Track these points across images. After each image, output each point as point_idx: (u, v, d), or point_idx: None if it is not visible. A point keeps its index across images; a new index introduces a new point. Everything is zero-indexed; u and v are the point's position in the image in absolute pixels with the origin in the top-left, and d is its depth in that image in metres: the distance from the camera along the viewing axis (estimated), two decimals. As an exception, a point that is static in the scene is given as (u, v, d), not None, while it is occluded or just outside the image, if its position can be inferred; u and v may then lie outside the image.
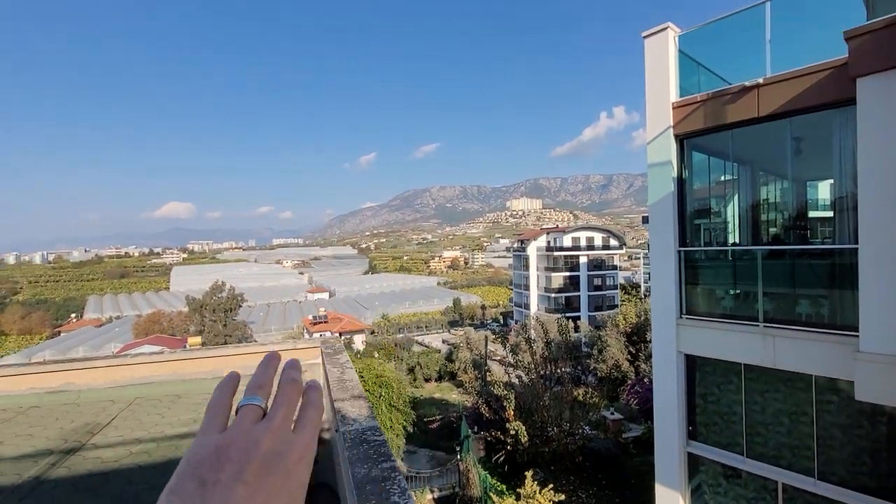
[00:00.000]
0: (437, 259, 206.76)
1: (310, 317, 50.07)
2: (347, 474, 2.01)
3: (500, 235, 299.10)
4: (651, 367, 8.51)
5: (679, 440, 6.67)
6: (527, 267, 58.57)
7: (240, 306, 42.66)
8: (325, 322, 45.42)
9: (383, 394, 16.73)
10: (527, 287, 58.60)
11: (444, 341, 56.74)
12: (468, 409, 18.57)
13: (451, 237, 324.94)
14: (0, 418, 3.37)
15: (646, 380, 21.20)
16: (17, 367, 3.86)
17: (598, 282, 55.34)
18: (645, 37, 6.99)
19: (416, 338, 57.01)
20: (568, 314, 44.16)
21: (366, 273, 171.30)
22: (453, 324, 73.86)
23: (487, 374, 20.71)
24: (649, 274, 7.41)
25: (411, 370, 35.77)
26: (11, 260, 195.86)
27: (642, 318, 27.68)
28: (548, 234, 58.92)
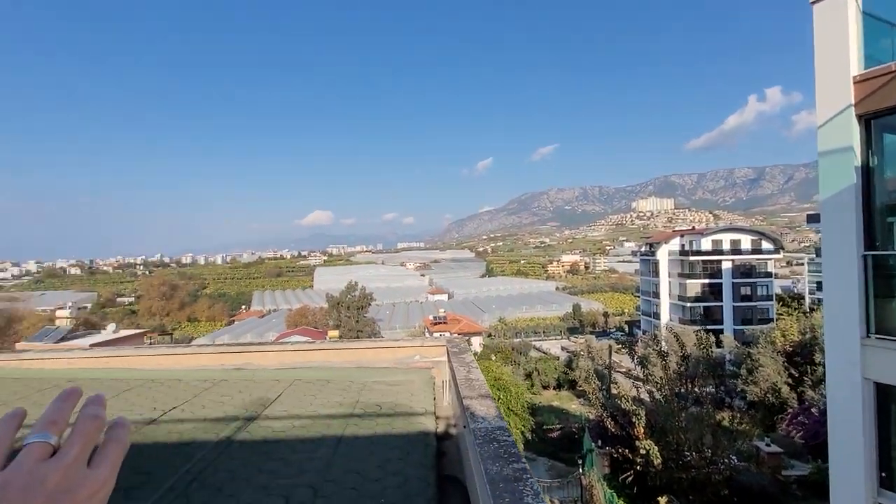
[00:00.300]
0: (555, 263, 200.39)
1: (430, 317, 52.61)
2: (479, 469, 2.08)
3: (624, 238, 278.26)
4: (822, 394, 7.09)
5: (867, 488, 5.44)
6: (656, 273, 53.41)
7: (369, 304, 46.71)
8: (445, 323, 47.26)
9: (501, 397, 16.78)
10: (656, 294, 53.42)
11: (562, 348, 54.74)
12: (591, 422, 17.62)
13: (570, 240, 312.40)
14: (202, 387, 4.23)
15: (814, 409, 17.68)
16: (213, 347, 4.79)
17: (746, 291, 47.92)
18: (813, 2, 5.90)
19: (533, 343, 55.98)
20: (707, 326, 39.04)
21: (483, 276, 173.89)
22: (573, 330, 70.77)
23: (612, 386, 19.42)
24: (819, 283, 6.20)
25: (528, 376, 35.24)
26: (202, 261, 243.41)
27: (808, 336, 23.23)
28: (682, 236, 52.96)
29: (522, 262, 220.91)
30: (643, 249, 60.29)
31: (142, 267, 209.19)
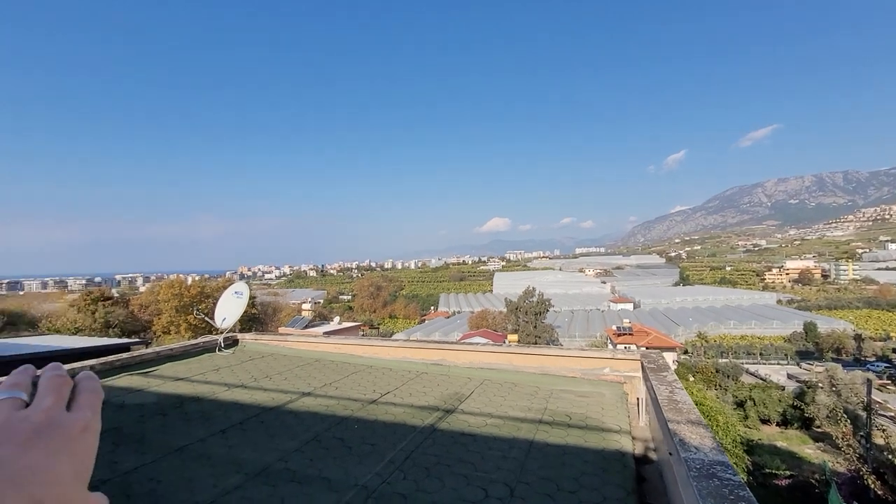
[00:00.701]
0: (775, 270, 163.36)
1: (613, 327, 48.93)
2: (695, 506, 1.82)
3: (888, 238, 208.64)
4: None
5: None
6: (951, 284, 38.36)
7: (547, 311, 46.19)
8: (630, 334, 43.33)
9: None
10: (952, 315, 38.33)
11: (789, 376, 44.27)
12: (840, 476, 13.68)
13: (797, 242, 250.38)
14: (408, 377, 4.84)
15: None
16: (414, 342, 5.44)
17: None
18: None
19: (745, 366, 46.71)
20: None
21: (676, 284, 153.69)
22: (804, 355, 56.58)
23: (875, 432, 14.70)
24: None
25: (740, 405, 29.50)
26: (399, 265, 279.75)
27: None
28: None
29: (728, 268, 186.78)
30: (924, 252, 44.04)
31: (356, 270, 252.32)
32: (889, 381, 37.14)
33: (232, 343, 6.31)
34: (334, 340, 6.25)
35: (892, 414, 28.36)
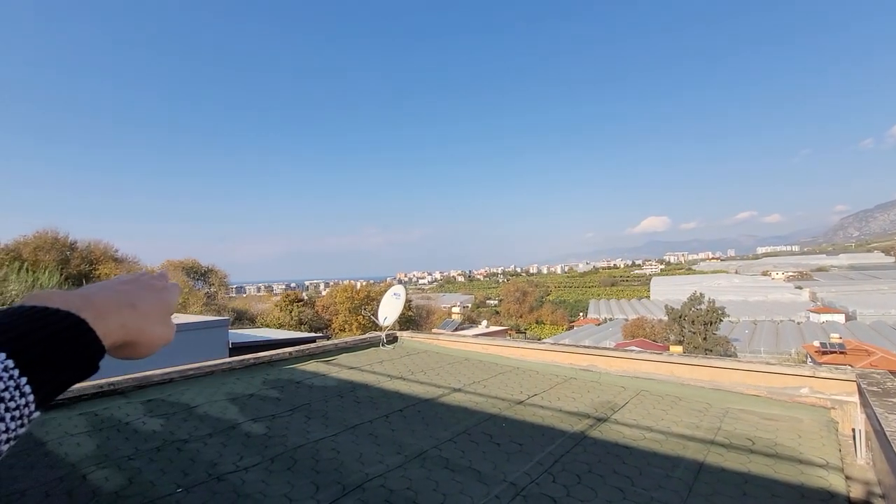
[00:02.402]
0: None
1: (815, 343, 39.63)
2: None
3: None
4: None
5: None
6: None
7: (720, 320, 39.94)
8: (842, 353, 34.54)
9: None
10: None
11: None
12: None
13: None
14: (555, 381, 4.72)
15: None
16: (562, 346, 5.29)
17: None
18: None
19: None
20: None
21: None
22: None
23: None
24: None
25: None
26: (545, 270, 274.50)
27: None
28: None
29: None
30: None
31: (501, 276, 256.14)
32: None
33: (392, 339, 7.02)
34: (482, 341, 6.45)
35: None
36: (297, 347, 5.95)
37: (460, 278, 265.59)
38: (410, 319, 45.95)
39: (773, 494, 2.44)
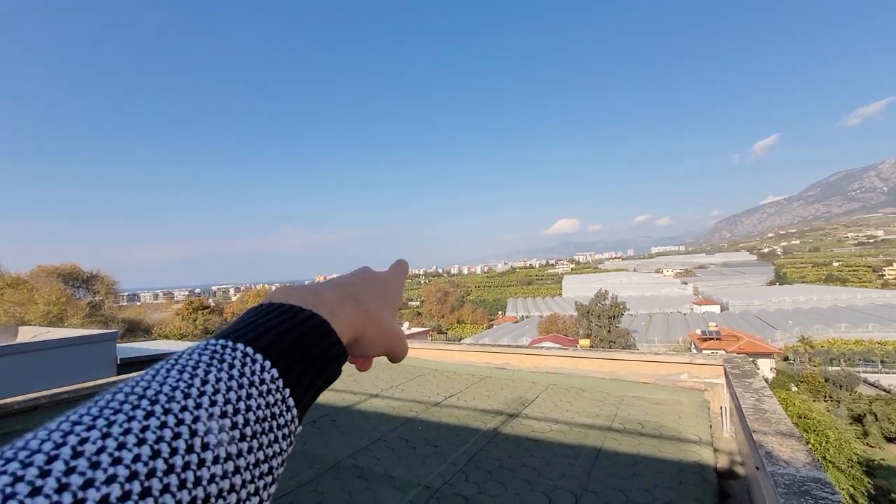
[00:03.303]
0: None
1: (697, 331, 45.23)
2: (785, 526, 1.64)
3: None
4: None
5: None
6: None
7: (622, 314, 43.86)
8: (718, 339, 39.78)
9: (811, 441, 12.92)
10: None
11: (921, 387, 38.05)
12: None
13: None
14: (472, 380, 4.84)
15: None
16: (478, 346, 5.44)
17: None
18: None
19: (862, 375, 40.87)
20: None
21: (770, 283, 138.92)
22: (941, 363, 48.46)
23: None
24: None
25: (858, 420, 25.86)
26: (465, 271, 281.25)
27: None
28: None
29: (836, 264, 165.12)
30: None
31: (423, 277, 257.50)
32: None
33: (308, 347, 6.73)
34: (401, 344, 6.42)
35: None
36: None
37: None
38: (330, 324, 44.34)
39: (657, 471, 2.73)
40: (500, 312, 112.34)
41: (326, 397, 4.39)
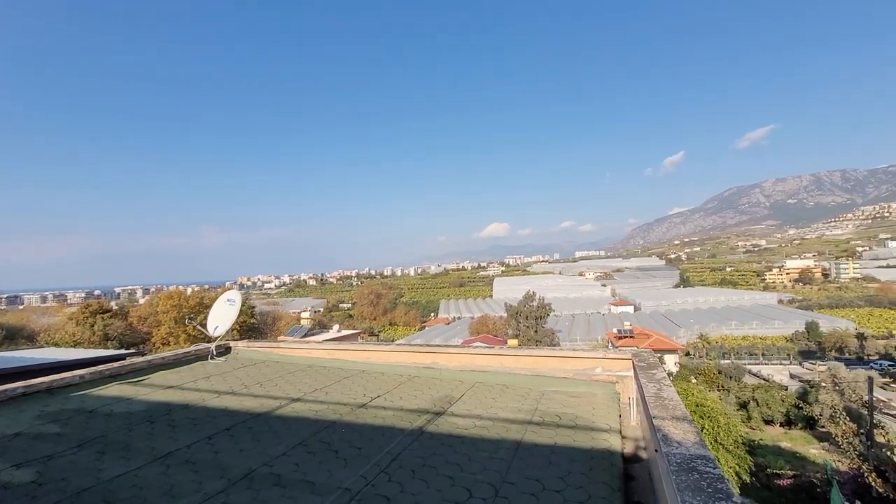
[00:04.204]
0: (776, 270, 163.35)
1: (614, 330, 48.80)
2: (674, 501, 1.81)
3: (888, 236, 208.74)
4: None
5: None
6: (951, 281, 38.37)
7: (548, 315, 46.05)
8: (631, 337, 43.19)
9: (706, 426, 14.42)
10: (952, 312, 38.32)
11: (792, 376, 44.12)
12: (842, 475, 13.58)
13: (796, 242, 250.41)
14: (399, 381, 4.82)
15: None
16: (407, 346, 5.42)
17: None
18: None
19: (747, 367, 46.55)
20: None
21: (676, 286, 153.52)
22: (807, 354, 56.43)
23: (877, 431, 14.62)
24: None
25: (743, 406, 29.34)
26: (399, 273, 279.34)
27: None
28: None
29: (728, 269, 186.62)
30: (923, 249, 44.03)
31: (356, 279, 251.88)
32: (891, 380, 36.99)
33: (224, 350, 6.29)
34: (327, 346, 6.22)
35: (895, 412, 28.19)
36: (92, 369, 4.88)
37: (312, 282, 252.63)
38: (253, 328, 41.85)
39: (571, 460, 2.89)
40: (432, 314, 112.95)
41: (242, 403, 4.12)
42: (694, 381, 33.10)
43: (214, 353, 5.96)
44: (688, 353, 52.90)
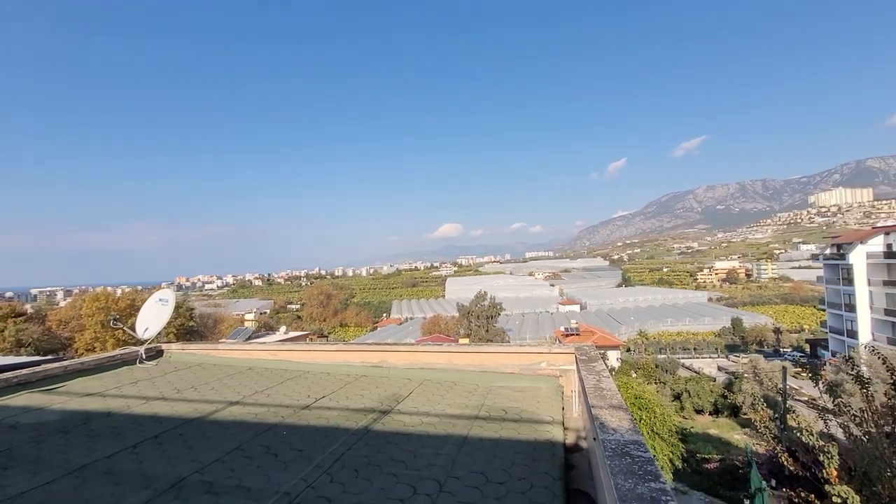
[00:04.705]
0: (706, 271, 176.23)
1: (561, 328, 50.62)
2: (609, 485, 1.89)
3: (800, 240, 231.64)
4: None
5: None
6: (850, 281, 43.18)
7: (499, 314, 46.94)
8: (577, 335, 44.98)
9: (643, 417, 15.26)
10: (850, 307, 43.14)
11: (719, 368, 47.68)
12: (760, 456, 14.86)
13: (724, 245, 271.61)
14: (346, 380, 4.70)
15: None
16: (356, 345, 5.31)
17: None
18: None
19: (681, 360, 49.84)
20: (935, 350, 29.97)
21: (619, 286, 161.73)
22: (732, 348, 61.19)
23: (789, 416, 16.11)
24: None
25: (677, 397, 31.38)
26: (350, 273, 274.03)
27: None
28: (887, 233, 41.99)
29: (665, 269, 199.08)
30: (829, 252, 49.26)
31: (305, 279, 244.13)
32: (801, 369, 41.04)
33: (155, 354, 5.86)
34: (270, 347, 5.97)
35: (806, 398, 31.27)
36: (-4, 376, 4.37)
37: (258, 282, 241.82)
38: (192, 331, 39.41)
39: (515, 452, 2.95)
40: (384, 315, 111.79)
41: (174, 409, 3.85)
42: (634, 375, 34.97)
43: (144, 356, 5.54)
44: (629, 349, 55.86)
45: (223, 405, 3.96)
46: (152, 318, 5.70)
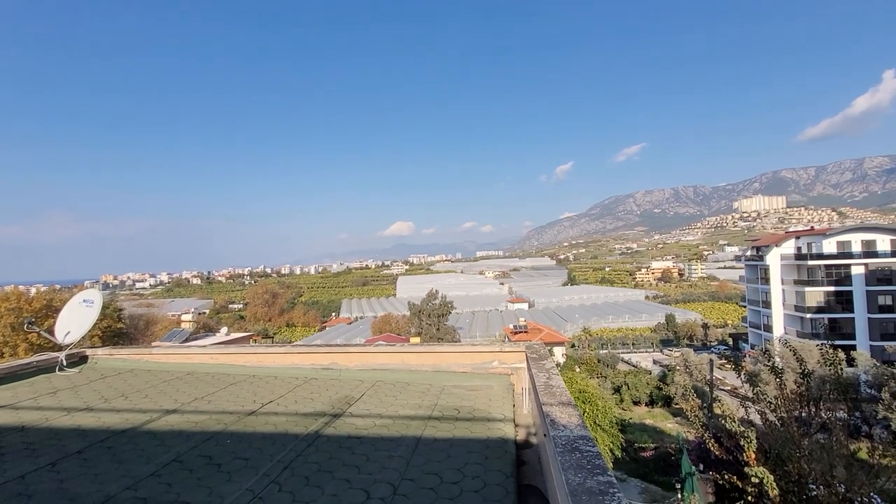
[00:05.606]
0: (644, 270, 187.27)
1: (510, 326, 51.85)
2: (560, 480, 1.95)
3: (725, 242, 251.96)
4: None
5: None
6: (766, 280, 47.55)
7: (450, 313, 47.26)
8: (525, 332, 46.25)
9: (587, 410, 15.97)
10: (766, 304, 47.51)
11: (655, 362, 50.84)
12: (690, 443, 16.03)
13: (660, 246, 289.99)
14: (295, 384, 4.54)
15: None
16: (305, 347, 5.14)
17: (885, 301, 40.76)
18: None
19: (621, 355, 52.66)
20: (835, 342, 33.77)
21: (565, 284, 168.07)
22: (666, 343, 65.42)
23: (715, 404, 17.51)
24: None
25: (617, 390, 33.12)
26: (298, 271, 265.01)
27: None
28: (797, 237, 46.66)
29: (607, 269, 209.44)
30: (749, 254, 54.02)
31: (248, 277, 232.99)
32: (726, 361, 44.64)
33: (79, 360, 5.35)
34: (211, 350, 5.64)
35: (729, 388, 34.11)
36: None
37: (196, 281, 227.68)
38: (121, 334, 36.37)
39: (468, 451, 2.97)
40: (333, 314, 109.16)
41: (101, 420, 3.54)
42: (578, 370, 36.51)
43: (65, 363, 5.04)
44: (573, 345, 58.22)
45: (158, 414, 3.69)
46: (75, 321, 5.21)
